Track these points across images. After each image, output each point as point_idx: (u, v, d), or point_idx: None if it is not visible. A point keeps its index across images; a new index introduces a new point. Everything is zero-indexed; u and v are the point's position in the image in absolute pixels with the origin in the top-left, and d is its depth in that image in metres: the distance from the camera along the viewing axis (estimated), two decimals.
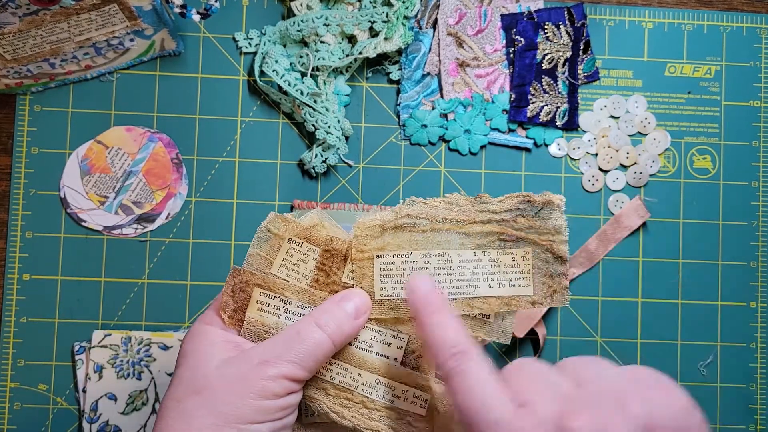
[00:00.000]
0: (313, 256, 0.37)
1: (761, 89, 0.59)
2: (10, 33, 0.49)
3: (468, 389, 0.29)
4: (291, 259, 0.37)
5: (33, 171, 0.55)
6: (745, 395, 0.57)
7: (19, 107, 0.56)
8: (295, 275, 0.37)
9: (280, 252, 0.37)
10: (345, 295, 0.36)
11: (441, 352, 0.31)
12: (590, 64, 0.58)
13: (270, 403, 0.33)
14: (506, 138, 0.57)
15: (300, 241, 0.37)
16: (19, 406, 0.54)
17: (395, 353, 0.37)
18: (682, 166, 0.58)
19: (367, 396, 0.36)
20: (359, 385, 0.36)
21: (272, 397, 0.33)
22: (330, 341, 0.35)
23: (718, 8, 0.59)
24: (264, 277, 0.37)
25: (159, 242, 0.56)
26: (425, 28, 0.57)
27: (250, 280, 0.37)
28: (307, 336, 0.34)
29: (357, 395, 0.36)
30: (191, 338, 0.36)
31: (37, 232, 0.55)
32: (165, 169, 0.56)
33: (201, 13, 0.51)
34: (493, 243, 0.36)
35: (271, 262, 0.37)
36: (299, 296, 0.37)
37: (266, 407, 0.33)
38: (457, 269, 0.37)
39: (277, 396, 0.33)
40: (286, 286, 0.37)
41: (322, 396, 0.36)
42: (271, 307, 0.37)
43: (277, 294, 0.37)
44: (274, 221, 0.38)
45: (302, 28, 0.54)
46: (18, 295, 0.55)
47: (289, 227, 0.37)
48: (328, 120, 0.54)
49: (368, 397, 0.36)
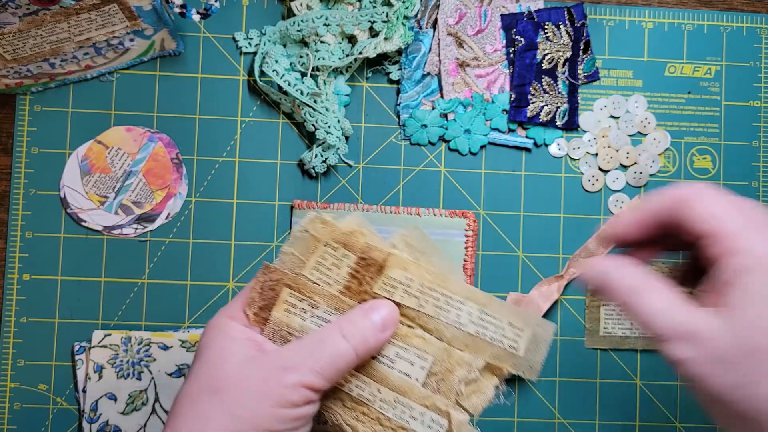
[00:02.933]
0: (347, 262, 0.36)
1: (761, 89, 0.59)
2: (10, 33, 0.49)
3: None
4: (325, 262, 0.36)
5: (33, 171, 0.56)
6: None
7: (19, 107, 0.56)
8: (326, 280, 0.36)
9: (315, 254, 0.36)
10: (373, 305, 0.35)
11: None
12: (590, 64, 0.58)
13: (287, 411, 0.32)
14: (506, 138, 0.57)
15: (337, 246, 0.36)
16: (19, 406, 0.54)
17: (418, 373, 0.35)
18: (682, 166, 0.58)
19: (384, 413, 0.35)
20: (377, 401, 0.35)
21: (290, 406, 0.32)
22: (354, 353, 0.34)
23: (718, 8, 0.59)
24: (295, 277, 0.36)
25: (159, 242, 0.56)
26: (425, 28, 0.57)
27: (280, 279, 0.36)
28: (332, 345, 0.33)
29: (374, 411, 0.35)
30: (211, 331, 0.35)
31: (37, 232, 0.55)
32: (165, 169, 0.56)
33: (201, 13, 0.51)
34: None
35: (304, 263, 0.36)
36: (328, 302, 0.36)
37: (283, 416, 0.32)
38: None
39: (295, 405, 0.32)
40: (317, 290, 0.36)
41: (339, 407, 0.35)
42: (299, 309, 0.36)
43: (306, 297, 0.36)
44: (313, 222, 0.36)
45: (302, 28, 0.54)
46: (18, 295, 0.55)
47: (327, 230, 0.36)
48: (328, 120, 0.54)
49: (385, 414, 0.35)
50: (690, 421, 0.57)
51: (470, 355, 0.35)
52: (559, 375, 0.57)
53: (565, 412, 0.56)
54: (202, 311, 0.56)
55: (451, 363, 0.35)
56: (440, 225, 0.52)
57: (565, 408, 0.57)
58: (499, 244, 0.57)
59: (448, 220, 0.52)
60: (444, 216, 0.53)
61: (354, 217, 0.37)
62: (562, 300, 0.57)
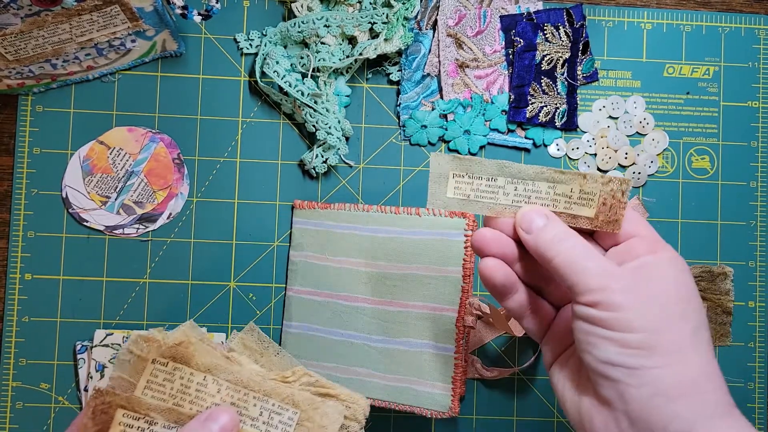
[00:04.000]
0: (179, 374, 0.36)
1: (759, 90, 0.59)
2: (12, 34, 0.49)
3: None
4: (156, 379, 0.36)
5: (35, 171, 0.56)
6: (744, 394, 0.58)
7: (21, 108, 0.56)
8: (161, 395, 0.36)
9: (144, 373, 0.36)
10: (211, 414, 0.35)
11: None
12: (589, 65, 0.58)
13: None
14: (505, 138, 0.58)
15: (165, 361, 0.36)
16: (21, 405, 0.54)
17: None
18: (680, 166, 0.58)
19: None
20: None
21: None
22: None
23: (716, 9, 0.60)
24: (129, 397, 0.35)
25: (160, 242, 0.56)
26: (425, 30, 0.57)
27: (112, 401, 0.35)
28: None
29: None
30: None
31: (39, 232, 0.56)
32: (166, 169, 0.56)
33: (202, 14, 0.51)
34: None
35: (134, 385, 0.36)
36: (166, 416, 0.35)
37: None
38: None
39: None
40: (152, 406, 0.35)
41: None
42: (136, 428, 0.35)
43: (141, 415, 0.35)
44: (137, 342, 0.36)
45: (303, 29, 0.54)
46: (20, 295, 0.55)
47: (153, 347, 0.36)
48: (329, 121, 0.54)
49: None
50: None
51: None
52: None
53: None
54: (204, 311, 0.56)
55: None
56: (440, 225, 0.52)
57: None
58: None
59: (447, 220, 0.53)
60: (444, 216, 0.53)
61: (182, 327, 0.37)
62: None
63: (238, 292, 0.56)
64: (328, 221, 0.55)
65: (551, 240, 0.35)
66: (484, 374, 0.56)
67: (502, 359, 0.57)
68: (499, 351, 0.57)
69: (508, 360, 0.57)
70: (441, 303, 0.52)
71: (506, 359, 0.57)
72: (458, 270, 0.51)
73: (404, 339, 0.52)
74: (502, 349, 0.57)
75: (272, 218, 0.57)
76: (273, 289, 0.57)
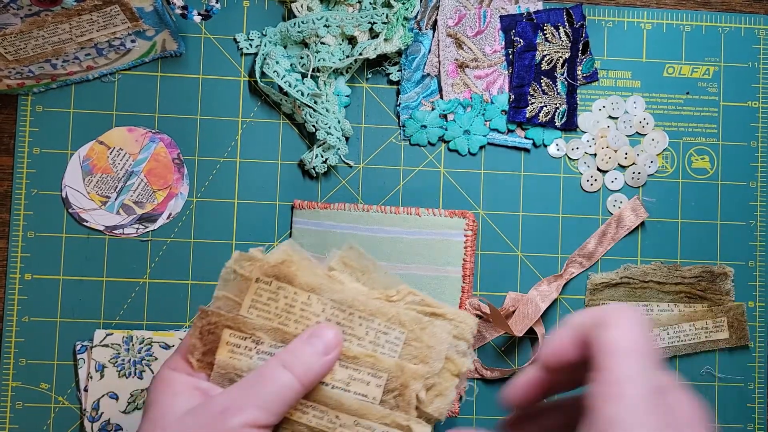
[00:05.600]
0: (283, 293, 0.35)
1: (759, 90, 0.59)
2: (11, 34, 0.49)
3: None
4: (260, 299, 0.35)
5: (35, 171, 0.56)
6: (744, 394, 0.58)
7: (20, 108, 0.56)
8: (266, 315, 0.35)
9: (249, 293, 0.35)
10: (314, 331, 0.34)
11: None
12: (589, 65, 0.58)
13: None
14: (505, 138, 0.58)
15: (269, 279, 0.35)
16: (20, 405, 0.54)
17: (374, 392, 0.35)
18: (680, 166, 0.59)
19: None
20: (337, 427, 0.34)
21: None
22: (298, 382, 0.33)
23: (716, 9, 0.60)
24: (234, 317, 0.35)
25: (160, 242, 0.56)
26: (425, 30, 0.57)
27: (218, 321, 0.35)
28: (273, 379, 0.32)
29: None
30: (155, 386, 0.34)
31: (39, 232, 0.56)
32: (166, 169, 0.56)
33: (202, 14, 0.51)
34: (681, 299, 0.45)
35: (239, 304, 0.35)
36: (272, 335, 0.35)
37: None
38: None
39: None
40: (258, 326, 0.35)
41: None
42: (243, 348, 0.35)
43: (248, 334, 0.35)
44: (240, 261, 0.35)
45: (303, 29, 0.54)
46: (20, 295, 0.55)
47: (255, 266, 0.35)
48: (329, 121, 0.54)
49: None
50: None
51: (424, 366, 0.35)
52: None
53: None
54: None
55: (405, 378, 0.35)
56: (440, 225, 0.52)
57: None
58: (498, 244, 0.57)
59: (447, 220, 0.53)
60: (443, 216, 0.53)
61: (282, 246, 0.36)
62: (560, 299, 0.57)
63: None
64: (328, 221, 0.55)
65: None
66: (484, 374, 0.56)
67: (502, 359, 0.57)
68: (499, 351, 0.57)
69: (508, 360, 0.57)
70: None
71: (506, 359, 0.57)
72: (458, 270, 0.51)
73: None
74: (502, 349, 0.57)
75: (272, 218, 0.57)
76: None
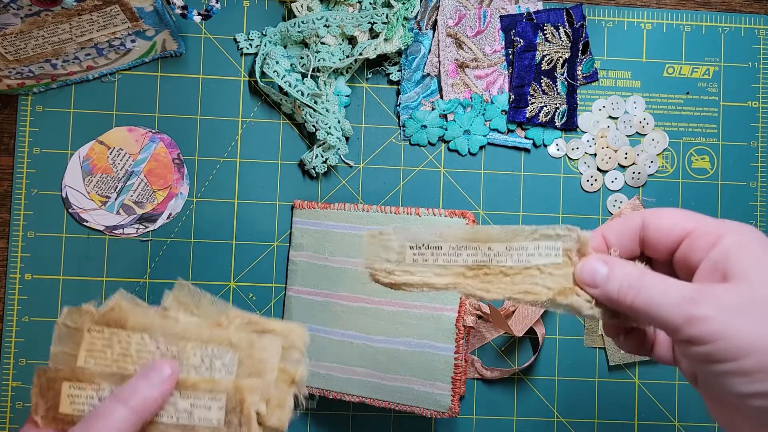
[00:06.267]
0: (117, 339, 0.36)
1: (759, 90, 0.59)
2: (12, 34, 0.49)
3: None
4: (95, 347, 0.36)
5: (35, 171, 0.56)
6: None
7: (21, 108, 0.56)
8: (103, 362, 0.36)
9: (83, 344, 0.36)
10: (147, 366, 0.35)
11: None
12: (589, 65, 0.58)
13: None
14: (505, 138, 0.58)
15: (100, 328, 0.36)
16: (21, 405, 0.54)
17: (217, 415, 0.36)
18: (680, 166, 0.59)
19: None
20: None
21: None
22: (134, 414, 0.33)
23: (716, 9, 0.60)
24: (72, 369, 0.36)
25: (160, 242, 0.56)
26: (425, 30, 0.57)
27: (56, 376, 0.36)
28: (108, 415, 0.33)
29: None
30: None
31: (39, 232, 0.56)
32: (166, 169, 0.56)
33: (202, 14, 0.51)
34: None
35: (75, 356, 0.36)
36: (111, 380, 0.36)
37: None
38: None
39: None
40: (97, 373, 0.36)
41: None
42: (85, 397, 0.36)
43: (87, 383, 0.36)
44: (69, 315, 0.37)
45: (303, 29, 0.54)
46: (20, 295, 0.55)
47: (85, 318, 0.37)
48: (329, 121, 0.54)
49: None
50: (688, 420, 0.57)
51: (257, 380, 0.36)
52: (558, 374, 0.57)
53: (565, 411, 0.57)
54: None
55: (242, 393, 0.35)
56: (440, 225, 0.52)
57: (565, 407, 0.57)
58: None
59: (447, 220, 0.53)
60: (443, 216, 0.53)
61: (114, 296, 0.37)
62: None
63: (238, 292, 0.56)
64: (328, 221, 0.55)
65: (621, 287, 0.31)
66: (484, 374, 0.56)
67: (502, 359, 0.57)
68: (499, 351, 0.57)
69: (508, 360, 0.57)
70: (441, 303, 0.52)
71: (506, 359, 0.57)
72: None
73: (404, 339, 0.52)
74: (502, 349, 0.57)
75: (272, 218, 0.57)
76: (273, 289, 0.57)
